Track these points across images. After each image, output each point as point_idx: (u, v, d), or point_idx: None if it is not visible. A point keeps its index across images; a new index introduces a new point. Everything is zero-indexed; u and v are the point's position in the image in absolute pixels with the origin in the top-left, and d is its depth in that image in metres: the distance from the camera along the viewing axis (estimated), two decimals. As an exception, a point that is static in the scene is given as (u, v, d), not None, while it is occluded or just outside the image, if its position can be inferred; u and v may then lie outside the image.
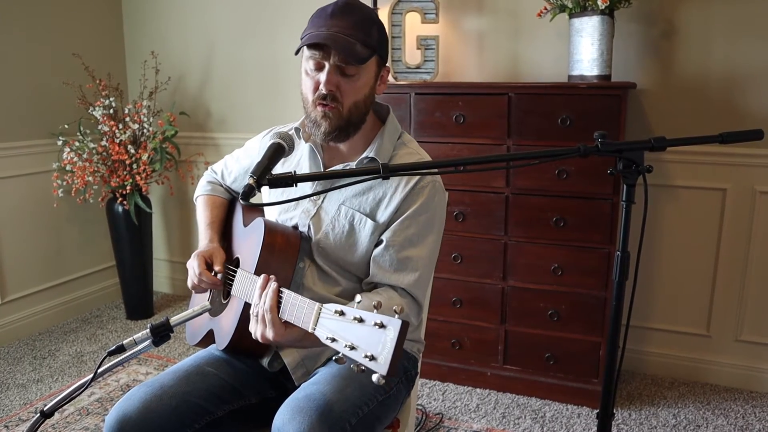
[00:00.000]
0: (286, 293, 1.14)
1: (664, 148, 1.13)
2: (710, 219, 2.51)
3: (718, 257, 2.52)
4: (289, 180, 1.10)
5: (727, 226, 2.49)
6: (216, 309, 1.44)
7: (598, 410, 1.23)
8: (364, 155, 1.40)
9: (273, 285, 1.16)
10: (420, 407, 2.40)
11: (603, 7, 2.20)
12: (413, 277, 1.35)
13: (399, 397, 1.40)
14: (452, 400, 2.48)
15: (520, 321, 2.46)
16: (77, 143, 3.04)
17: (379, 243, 1.37)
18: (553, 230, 2.35)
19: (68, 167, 3.01)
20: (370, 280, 1.38)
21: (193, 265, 1.41)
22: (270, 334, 1.15)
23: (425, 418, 2.33)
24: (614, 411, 1.24)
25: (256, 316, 1.17)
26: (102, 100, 3.04)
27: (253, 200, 1.12)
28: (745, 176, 2.43)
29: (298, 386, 1.29)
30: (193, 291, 1.49)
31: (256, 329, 1.17)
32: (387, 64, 1.42)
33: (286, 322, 1.14)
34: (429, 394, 2.52)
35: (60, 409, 2.16)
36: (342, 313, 0.97)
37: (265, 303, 1.15)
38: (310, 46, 1.30)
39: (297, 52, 1.34)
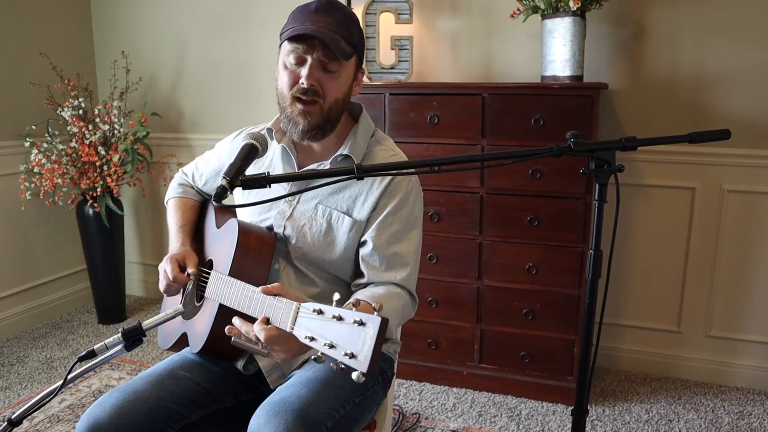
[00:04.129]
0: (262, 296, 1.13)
1: (635, 147, 1.14)
2: (680, 217, 2.56)
3: (688, 255, 2.57)
4: (263, 181, 1.09)
5: (696, 224, 2.54)
6: (189, 312, 1.42)
7: (572, 407, 1.24)
8: (338, 153, 1.40)
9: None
10: (397, 407, 2.40)
11: (575, 9, 2.22)
12: (405, 273, 1.37)
13: (375, 398, 1.40)
14: (429, 399, 2.48)
15: (495, 320, 2.48)
16: (45, 144, 2.97)
17: (363, 244, 1.37)
18: (527, 229, 2.37)
19: (36, 169, 2.94)
20: (365, 282, 1.37)
21: (166, 268, 1.39)
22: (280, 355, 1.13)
23: (402, 419, 2.33)
24: (588, 407, 1.26)
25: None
26: (71, 100, 2.98)
27: (227, 202, 1.10)
28: (714, 175, 2.48)
29: (274, 389, 1.28)
30: (165, 294, 1.47)
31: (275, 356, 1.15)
32: (362, 67, 1.42)
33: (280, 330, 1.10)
34: (406, 394, 2.52)
35: (29, 417, 2.12)
36: (321, 312, 0.97)
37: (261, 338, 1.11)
38: (294, 39, 1.29)
39: (281, 45, 1.34)
